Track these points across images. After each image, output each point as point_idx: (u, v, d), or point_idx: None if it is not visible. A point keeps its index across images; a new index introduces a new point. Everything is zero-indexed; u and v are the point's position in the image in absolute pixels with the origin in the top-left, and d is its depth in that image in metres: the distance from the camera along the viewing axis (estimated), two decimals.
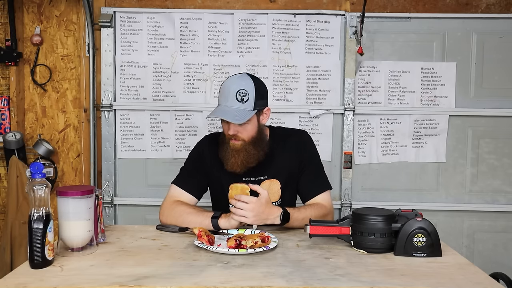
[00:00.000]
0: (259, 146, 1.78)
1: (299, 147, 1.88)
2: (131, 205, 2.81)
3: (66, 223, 1.36)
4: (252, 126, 1.76)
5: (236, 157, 1.75)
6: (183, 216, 1.70)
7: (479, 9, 2.75)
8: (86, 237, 1.39)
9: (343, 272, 1.25)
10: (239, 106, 1.70)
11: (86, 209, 1.38)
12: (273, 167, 1.83)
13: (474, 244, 2.81)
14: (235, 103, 1.69)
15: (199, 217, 1.67)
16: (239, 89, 1.70)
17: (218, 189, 1.88)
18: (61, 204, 1.36)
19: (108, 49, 2.74)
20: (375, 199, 2.79)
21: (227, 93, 1.72)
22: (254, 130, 1.77)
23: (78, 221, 1.37)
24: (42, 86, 2.81)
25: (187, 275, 1.20)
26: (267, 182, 1.83)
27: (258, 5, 2.76)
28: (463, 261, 1.36)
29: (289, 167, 1.85)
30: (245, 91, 1.70)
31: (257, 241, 1.43)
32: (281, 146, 1.87)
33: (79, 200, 1.36)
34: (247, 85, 1.72)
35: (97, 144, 2.80)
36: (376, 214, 1.42)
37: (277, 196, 1.83)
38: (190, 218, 1.68)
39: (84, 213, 1.37)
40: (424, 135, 2.78)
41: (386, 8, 2.76)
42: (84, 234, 1.38)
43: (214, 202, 1.96)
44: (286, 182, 1.85)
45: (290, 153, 1.86)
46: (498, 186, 2.80)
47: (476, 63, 2.75)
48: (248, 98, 1.70)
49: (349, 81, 2.74)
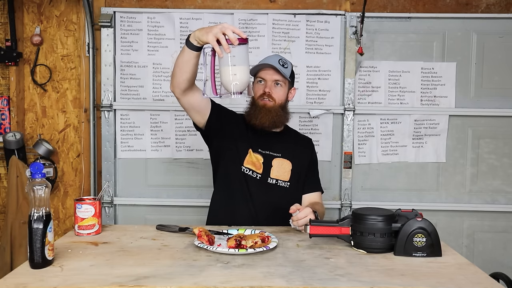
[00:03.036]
0: (285, 113, 1.96)
1: (310, 148, 2.08)
2: (131, 205, 2.81)
3: (245, 67, 1.52)
4: (284, 92, 1.94)
5: (267, 113, 1.89)
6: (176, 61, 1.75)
7: (479, 9, 2.75)
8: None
9: (343, 272, 1.25)
10: (281, 68, 1.89)
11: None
12: (287, 149, 1.98)
13: (474, 244, 2.81)
14: (278, 65, 1.88)
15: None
16: (281, 58, 1.93)
17: (232, 152, 1.93)
18: (244, 50, 1.50)
19: (108, 49, 2.74)
20: (375, 199, 2.79)
21: (269, 58, 1.93)
22: (284, 96, 1.95)
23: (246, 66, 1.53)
24: (42, 86, 2.81)
25: (187, 275, 1.20)
26: (279, 160, 1.95)
27: (258, 5, 2.76)
28: (463, 261, 1.36)
29: (300, 157, 2.00)
30: (285, 61, 1.93)
31: (257, 241, 1.43)
32: (294, 138, 2.07)
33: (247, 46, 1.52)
34: (286, 60, 1.95)
35: (97, 144, 2.80)
36: (376, 214, 1.42)
37: (287, 176, 1.95)
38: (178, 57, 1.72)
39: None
40: (424, 135, 2.78)
41: (386, 8, 2.76)
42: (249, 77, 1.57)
43: (223, 164, 1.97)
44: (295, 167, 1.97)
45: (302, 148, 2.04)
46: (498, 186, 2.80)
47: (476, 63, 2.76)
48: (288, 67, 1.93)
49: (349, 81, 2.74)
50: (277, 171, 1.93)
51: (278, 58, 1.92)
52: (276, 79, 1.90)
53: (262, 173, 1.91)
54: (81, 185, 2.84)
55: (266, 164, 1.92)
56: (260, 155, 1.93)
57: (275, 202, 1.90)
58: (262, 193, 1.90)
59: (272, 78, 1.90)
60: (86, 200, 1.58)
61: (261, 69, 1.92)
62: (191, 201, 2.76)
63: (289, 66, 1.94)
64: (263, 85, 1.92)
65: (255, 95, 1.93)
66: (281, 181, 1.93)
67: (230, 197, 1.92)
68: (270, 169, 1.93)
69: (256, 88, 1.94)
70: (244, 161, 1.91)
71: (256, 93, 1.93)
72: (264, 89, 1.91)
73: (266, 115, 1.89)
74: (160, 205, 2.79)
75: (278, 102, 1.91)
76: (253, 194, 1.90)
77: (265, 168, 1.92)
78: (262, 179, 1.91)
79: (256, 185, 1.90)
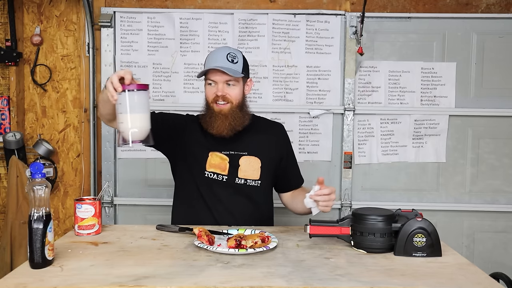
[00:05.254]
0: (244, 113, 1.83)
1: (280, 137, 1.97)
2: (131, 205, 2.81)
3: (141, 115, 1.38)
4: (239, 90, 1.81)
5: (223, 120, 1.77)
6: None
7: (479, 9, 2.75)
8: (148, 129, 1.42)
9: (343, 272, 1.25)
10: (230, 65, 1.76)
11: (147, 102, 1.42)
12: (254, 145, 1.87)
13: (474, 244, 2.81)
14: (226, 63, 1.75)
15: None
16: (229, 52, 1.79)
17: (191, 159, 1.84)
18: (130, 98, 1.36)
19: (108, 49, 2.74)
20: (375, 199, 2.79)
21: (216, 56, 1.78)
22: (240, 95, 1.81)
23: (144, 113, 1.40)
24: (42, 86, 2.81)
25: (187, 275, 1.20)
26: (246, 158, 1.84)
27: (258, 5, 2.76)
28: (463, 261, 1.36)
29: (270, 150, 1.89)
30: (234, 54, 1.80)
31: (257, 241, 1.43)
32: (263, 129, 1.93)
33: (144, 92, 1.39)
34: (235, 51, 1.82)
35: (97, 144, 2.80)
36: (376, 214, 1.42)
37: (257, 174, 1.85)
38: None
39: (147, 105, 1.42)
40: (424, 135, 2.78)
41: (386, 8, 2.76)
42: (148, 125, 1.41)
43: (182, 175, 1.89)
44: (265, 163, 1.86)
45: (271, 138, 1.92)
46: (498, 186, 2.80)
47: (476, 63, 2.76)
48: (238, 61, 1.79)
49: (349, 81, 2.74)
50: (245, 170, 1.82)
51: (226, 52, 1.77)
52: (226, 79, 1.76)
53: (228, 174, 1.81)
54: (81, 185, 2.84)
55: (232, 164, 1.81)
56: (225, 155, 1.81)
57: (246, 204, 1.81)
58: (230, 195, 1.80)
59: (223, 79, 1.76)
60: (86, 200, 1.58)
61: (209, 70, 1.78)
62: None
63: (240, 59, 1.79)
64: (215, 88, 1.78)
65: (207, 99, 1.81)
66: (251, 180, 1.83)
67: (192, 208, 1.83)
68: (238, 168, 1.81)
69: (207, 91, 1.81)
70: (206, 165, 1.80)
71: (209, 97, 1.80)
72: (216, 92, 1.77)
73: (222, 122, 1.77)
74: (160, 205, 2.79)
75: (235, 103, 1.78)
76: (221, 198, 1.80)
77: (231, 169, 1.81)
78: (229, 180, 1.81)
79: (222, 188, 1.80)
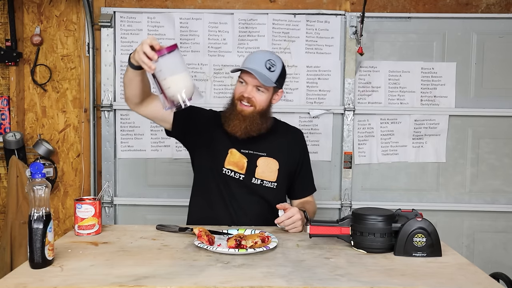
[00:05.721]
0: (264, 120, 1.81)
1: (300, 143, 1.97)
2: (131, 205, 2.81)
3: (183, 74, 1.40)
4: (266, 98, 1.80)
5: (241, 121, 1.77)
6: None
7: (479, 9, 2.75)
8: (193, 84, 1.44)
9: (343, 272, 1.25)
10: (265, 72, 1.74)
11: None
12: (274, 147, 1.87)
13: (474, 244, 2.81)
14: (262, 69, 1.74)
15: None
16: (269, 59, 1.77)
17: (210, 154, 1.84)
18: (169, 61, 1.38)
19: (108, 49, 2.74)
20: (375, 199, 2.79)
21: (255, 59, 1.78)
22: (266, 102, 1.80)
23: (186, 71, 1.42)
24: (42, 86, 2.81)
25: (187, 275, 1.20)
26: (264, 159, 1.84)
27: (258, 5, 2.76)
28: (463, 261, 1.36)
29: (288, 154, 1.90)
30: (274, 63, 1.77)
31: (257, 241, 1.43)
32: (284, 133, 1.94)
33: (177, 52, 1.40)
34: (276, 59, 1.80)
35: (97, 144, 2.80)
36: (376, 214, 1.42)
37: (274, 176, 1.85)
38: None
39: (184, 63, 1.44)
40: (424, 135, 2.78)
41: (386, 8, 2.76)
42: (192, 81, 1.44)
43: (201, 169, 1.90)
44: (283, 166, 1.87)
45: (291, 143, 1.93)
46: (498, 186, 2.80)
47: (476, 63, 2.76)
48: (275, 70, 1.77)
49: (349, 81, 2.74)
50: (262, 171, 1.83)
51: (266, 59, 1.76)
52: (257, 84, 1.75)
53: (246, 173, 1.81)
54: (81, 185, 2.84)
55: (251, 164, 1.82)
56: (244, 155, 1.82)
57: (261, 204, 1.82)
58: (245, 194, 1.81)
59: (253, 83, 1.75)
60: (86, 200, 1.58)
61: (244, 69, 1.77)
62: None
63: (278, 68, 1.77)
64: (244, 88, 1.78)
65: (234, 94, 1.81)
66: (267, 181, 1.83)
67: (209, 203, 1.84)
68: (255, 169, 1.82)
69: (237, 87, 1.81)
70: (224, 162, 1.81)
71: (236, 93, 1.80)
72: (243, 93, 1.77)
73: (239, 123, 1.77)
74: (160, 205, 2.79)
75: (258, 108, 1.78)
76: (236, 196, 1.81)
77: (249, 168, 1.82)
78: (246, 179, 1.81)
79: (238, 186, 1.81)
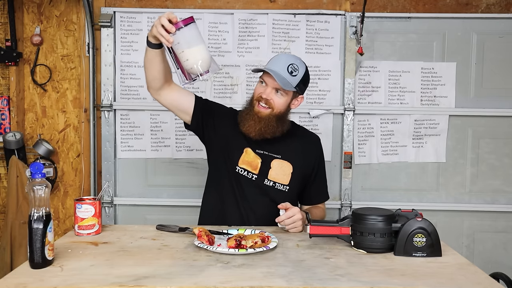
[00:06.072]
0: (280, 123, 1.81)
1: (316, 149, 1.96)
2: (131, 205, 2.81)
3: (200, 46, 1.49)
4: (285, 101, 1.79)
5: (256, 122, 1.77)
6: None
7: (479, 9, 2.75)
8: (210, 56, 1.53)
9: (343, 272, 1.25)
10: (286, 76, 1.74)
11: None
12: (289, 150, 1.86)
13: (474, 244, 2.81)
14: (284, 72, 1.73)
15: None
16: (292, 63, 1.76)
17: (226, 151, 1.85)
18: (186, 33, 1.48)
19: (108, 49, 2.74)
20: (375, 199, 2.79)
21: (279, 61, 1.77)
22: (284, 106, 1.79)
23: (203, 43, 1.50)
24: (42, 86, 2.81)
25: (187, 275, 1.20)
26: (279, 161, 1.84)
27: (258, 5, 2.76)
28: (463, 261, 1.36)
29: (303, 159, 1.89)
30: (296, 67, 1.76)
31: (257, 241, 1.43)
32: (301, 137, 1.93)
33: (194, 24, 1.50)
34: (300, 64, 1.78)
35: (97, 144, 2.80)
36: (376, 214, 1.42)
37: (287, 179, 1.84)
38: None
39: (201, 35, 1.54)
40: (424, 135, 2.78)
41: (386, 8, 2.76)
42: (209, 53, 1.53)
43: (216, 165, 1.91)
44: (297, 170, 1.86)
45: (306, 147, 1.92)
46: (498, 186, 2.80)
47: (476, 63, 2.75)
48: (296, 75, 1.75)
49: (349, 81, 2.74)
50: (275, 173, 1.83)
51: (289, 63, 1.74)
52: (276, 87, 1.75)
53: (259, 174, 1.81)
54: (81, 185, 2.84)
55: (264, 165, 1.82)
56: (258, 155, 1.82)
57: (270, 206, 1.78)
58: (256, 195, 1.81)
59: (273, 85, 1.75)
60: (86, 200, 1.58)
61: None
62: (191, 201, 2.75)
63: (300, 73, 1.76)
64: (263, 89, 1.78)
65: (254, 94, 1.82)
66: (279, 184, 1.83)
67: (221, 199, 1.85)
68: (268, 170, 1.82)
69: (257, 87, 1.81)
70: (239, 160, 1.81)
71: (255, 93, 1.81)
72: (262, 94, 1.77)
73: (254, 124, 1.77)
74: (160, 205, 2.79)
75: (275, 111, 1.77)
76: (247, 196, 1.81)
77: (263, 169, 1.82)
78: (258, 180, 1.82)
79: (250, 186, 1.81)
